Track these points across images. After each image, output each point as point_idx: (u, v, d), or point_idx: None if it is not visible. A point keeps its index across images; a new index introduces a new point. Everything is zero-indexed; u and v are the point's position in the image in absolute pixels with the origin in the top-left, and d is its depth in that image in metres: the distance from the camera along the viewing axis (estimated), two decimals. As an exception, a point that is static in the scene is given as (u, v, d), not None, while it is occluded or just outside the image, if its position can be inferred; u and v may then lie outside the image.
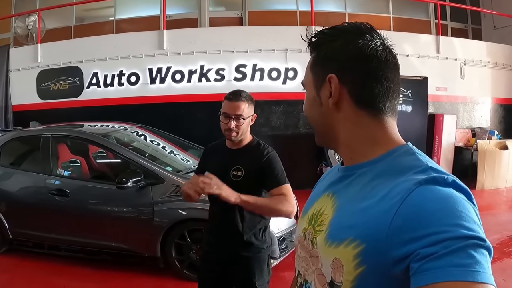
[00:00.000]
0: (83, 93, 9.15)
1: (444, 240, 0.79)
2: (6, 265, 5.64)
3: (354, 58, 1.08)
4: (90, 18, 11.37)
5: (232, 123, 2.73)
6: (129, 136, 6.41)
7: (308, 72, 1.17)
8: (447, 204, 0.85)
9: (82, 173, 5.99)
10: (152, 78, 8.83)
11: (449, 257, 0.78)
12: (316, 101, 1.14)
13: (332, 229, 1.04)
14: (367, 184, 1.03)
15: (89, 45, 9.28)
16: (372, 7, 10.89)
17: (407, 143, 1.10)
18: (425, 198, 0.87)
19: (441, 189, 0.89)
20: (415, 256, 0.81)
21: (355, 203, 1.01)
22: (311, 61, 1.17)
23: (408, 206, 0.88)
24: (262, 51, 8.66)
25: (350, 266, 0.94)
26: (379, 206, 0.94)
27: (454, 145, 9.59)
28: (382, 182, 0.99)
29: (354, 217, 0.98)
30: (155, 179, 5.04)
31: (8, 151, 6.11)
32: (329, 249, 1.01)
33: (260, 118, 8.66)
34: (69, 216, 5.37)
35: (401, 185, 0.93)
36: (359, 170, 1.08)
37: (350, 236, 0.95)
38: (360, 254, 0.92)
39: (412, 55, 9.29)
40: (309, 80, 1.17)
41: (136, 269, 5.27)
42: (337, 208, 1.08)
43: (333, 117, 1.11)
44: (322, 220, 1.10)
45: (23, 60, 9.53)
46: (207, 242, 3.06)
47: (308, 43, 1.16)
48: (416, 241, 0.82)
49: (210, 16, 10.36)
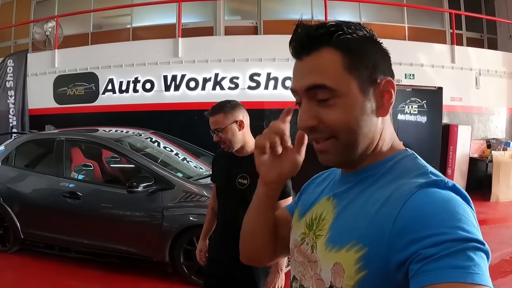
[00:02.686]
0: (98, 98, 9.25)
1: (444, 242, 0.79)
2: (17, 264, 5.75)
3: (389, 58, 1.06)
4: (107, 25, 11.50)
5: (215, 136, 2.79)
6: (142, 142, 6.46)
7: (341, 73, 0.98)
8: (448, 207, 0.86)
9: (95, 177, 6.05)
10: (167, 86, 8.88)
11: (448, 259, 0.78)
12: (367, 109, 1.00)
13: (333, 233, 1.04)
14: (369, 188, 1.03)
15: (106, 51, 9.41)
16: (387, 16, 10.85)
17: (407, 149, 1.09)
18: (425, 200, 0.88)
19: (441, 192, 0.90)
20: (416, 257, 0.81)
21: (357, 207, 1.01)
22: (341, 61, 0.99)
23: (409, 208, 0.88)
24: (276, 60, 8.66)
25: (351, 270, 0.94)
26: (381, 209, 0.94)
27: (468, 156, 9.43)
28: (384, 186, 0.99)
29: (357, 220, 0.98)
30: (165, 185, 5.06)
31: (23, 153, 6.24)
32: (330, 253, 1.01)
33: (274, 128, 8.66)
34: (80, 218, 5.43)
35: (402, 188, 0.93)
36: (361, 175, 1.07)
37: (353, 240, 0.95)
38: (362, 258, 0.92)
39: (427, 65, 9.23)
40: (348, 84, 0.99)
41: (145, 273, 5.29)
42: (338, 212, 1.07)
43: (379, 125, 1.04)
44: (323, 224, 1.09)
45: (40, 65, 9.70)
46: (212, 247, 3.08)
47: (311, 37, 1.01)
48: (417, 242, 0.82)
49: (226, 25, 10.41)
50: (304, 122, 1.03)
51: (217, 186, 3.05)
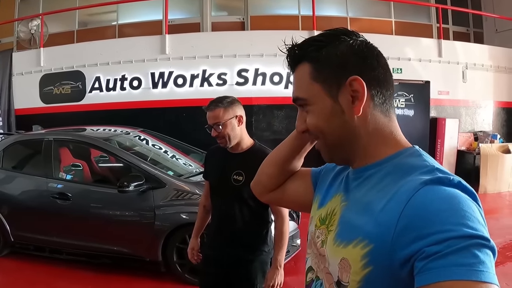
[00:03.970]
0: (85, 97, 9.19)
1: (448, 239, 0.80)
2: (7, 268, 5.68)
3: (366, 57, 1.08)
4: (93, 22, 11.40)
5: (213, 131, 2.77)
6: (131, 140, 6.42)
7: (308, 83, 1.08)
8: (452, 204, 0.86)
9: (84, 177, 5.99)
10: (155, 83, 8.85)
11: (453, 256, 0.78)
12: (335, 111, 1.06)
13: (340, 229, 1.06)
14: (375, 185, 1.04)
15: (92, 49, 9.32)
16: (373, 11, 10.89)
17: (414, 145, 1.11)
18: (430, 197, 0.88)
19: (446, 189, 0.90)
20: (420, 255, 0.82)
21: (364, 203, 1.03)
22: (309, 72, 1.08)
23: (413, 205, 0.88)
24: (264, 56, 8.66)
25: (357, 266, 0.95)
26: (387, 206, 0.94)
27: (456, 149, 9.57)
28: (390, 183, 1.00)
29: (364, 217, 0.99)
30: (156, 183, 5.03)
31: (10, 154, 6.14)
32: (338, 248, 1.03)
33: (262, 123, 8.68)
34: (71, 219, 5.37)
35: (407, 185, 0.94)
36: (368, 172, 1.09)
37: (359, 236, 0.96)
38: (368, 254, 0.93)
39: (414, 59, 9.30)
40: (315, 91, 1.08)
41: (137, 273, 5.27)
42: (345, 208, 1.09)
43: (355, 124, 1.07)
44: (334, 220, 1.12)
45: (26, 64, 9.59)
46: (208, 245, 3.06)
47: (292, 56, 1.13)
48: (421, 239, 0.83)
49: (212, 21, 10.37)
50: (298, 127, 1.18)
51: (210, 183, 3.02)
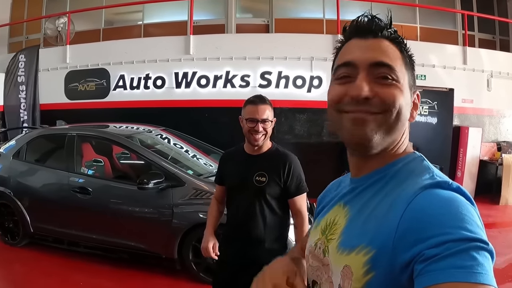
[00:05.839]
0: (109, 94, 9.33)
1: (447, 242, 0.80)
2: (25, 258, 5.79)
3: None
4: (119, 21, 11.55)
5: (260, 126, 2.72)
6: (153, 139, 6.46)
7: (400, 65, 1.06)
8: (451, 207, 0.86)
9: (105, 173, 6.05)
10: (178, 82, 8.91)
11: (451, 259, 0.78)
12: (409, 103, 1.08)
13: (344, 238, 1.05)
14: (379, 192, 1.04)
15: (117, 48, 9.46)
16: (399, 16, 10.77)
17: (415, 152, 1.11)
18: (429, 201, 0.89)
19: (445, 192, 0.91)
20: (419, 258, 0.82)
21: (369, 211, 1.02)
22: (401, 57, 1.07)
23: (413, 210, 0.89)
24: (287, 59, 8.65)
25: (359, 273, 0.94)
26: (388, 212, 0.95)
27: (478, 159, 9.35)
28: (392, 189, 1.01)
29: (367, 224, 0.99)
30: (176, 182, 5.05)
31: (33, 148, 6.27)
32: (341, 256, 1.02)
33: (284, 126, 8.66)
34: (90, 213, 5.44)
35: (407, 190, 0.95)
36: (371, 179, 1.09)
37: (362, 243, 0.96)
38: (370, 260, 0.93)
39: (438, 66, 9.17)
40: (404, 75, 1.06)
41: (153, 269, 5.31)
42: (350, 217, 1.08)
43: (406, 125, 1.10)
44: (335, 229, 1.11)
45: (52, 60, 9.80)
46: (226, 247, 3.04)
47: (380, 28, 1.08)
48: (420, 243, 0.83)
49: (237, 23, 10.39)
50: (361, 91, 1.01)
51: (229, 186, 3.00)
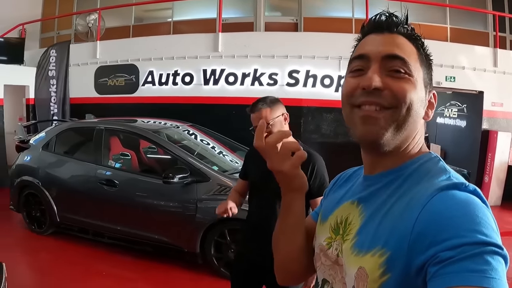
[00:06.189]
0: (138, 90, 9.44)
1: (462, 245, 0.79)
2: (51, 246, 5.96)
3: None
4: (148, 18, 11.65)
5: None
6: (180, 134, 6.51)
7: (415, 60, 1.04)
8: (467, 210, 0.85)
9: (132, 166, 6.11)
10: (206, 79, 8.94)
11: (465, 262, 0.77)
12: (423, 100, 1.04)
13: (360, 239, 1.03)
14: (395, 192, 1.01)
15: (146, 44, 9.55)
16: (429, 16, 10.57)
17: (430, 152, 1.09)
18: (445, 203, 0.87)
19: (461, 194, 0.89)
20: (434, 260, 0.81)
21: (383, 211, 1.00)
22: (416, 53, 1.05)
23: (429, 211, 0.87)
24: (315, 58, 8.59)
25: (375, 275, 0.93)
26: (403, 213, 0.93)
27: (507, 164, 9.06)
28: (408, 190, 0.99)
29: (383, 225, 0.97)
30: (201, 177, 5.09)
31: (63, 140, 6.40)
32: (356, 258, 1.00)
33: (311, 125, 8.61)
34: (115, 205, 5.55)
35: (422, 191, 0.93)
36: (387, 178, 1.06)
37: (378, 244, 0.95)
38: (385, 262, 0.91)
39: (468, 67, 8.93)
40: (418, 71, 1.03)
41: (174, 262, 5.39)
42: (366, 217, 1.06)
43: (420, 123, 1.06)
44: (350, 229, 1.09)
45: (82, 56, 9.97)
46: (244, 241, 3.05)
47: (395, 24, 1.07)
48: (435, 245, 0.82)
49: (266, 21, 10.37)
50: (371, 81, 1.00)
51: (251, 182, 3.01)
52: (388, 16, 1.09)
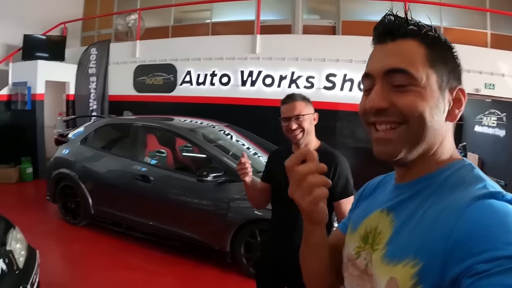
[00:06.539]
0: (176, 89, 9.57)
1: (499, 259, 0.75)
2: (85, 237, 6.11)
3: (460, 68, 1.04)
4: (187, 19, 11.80)
5: (293, 123, 2.67)
6: (215, 134, 6.53)
7: (423, 65, 0.97)
8: (505, 221, 0.81)
9: (167, 163, 6.20)
10: (243, 81, 8.98)
11: (501, 276, 0.73)
12: (440, 106, 0.98)
13: (391, 248, 1.00)
14: (426, 200, 0.98)
15: (185, 45, 9.69)
16: (468, 21, 10.31)
17: (464, 158, 1.04)
18: (482, 213, 0.83)
19: (499, 204, 0.85)
20: (469, 272, 0.77)
21: (416, 221, 0.97)
22: (425, 54, 0.98)
23: (465, 221, 0.84)
24: (353, 62, 8.50)
25: (406, 286, 0.90)
26: (437, 222, 0.89)
27: (546, 176, 8.87)
28: (441, 198, 0.95)
29: (415, 235, 0.94)
30: (234, 177, 5.02)
31: (100, 135, 6.52)
32: (387, 268, 0.98)
33: (346, 129, 8.54)
34: (149, 201, 5.60)
35: (458, 200, 0.89)
36: (417, 186, 1.03)
37: (410, 255, 0.91)
38: (418, 273, 0.88)
39: (508, 75, 8.65)
40: (428, 76, 0.97)
41: (202, 259, 5.42)
42: (397, 227, 1.02)
43: (443, 127, 1.01)
44: (380, 238, 1.06)
45: (122, 54, 10.20)
46: (268, 242, 3.02)
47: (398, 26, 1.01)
48: (472, 257, 0.78)
49: (304, 24, 10.33)
50: (375, 103, 0.98)
51: (273, 186, 2.93)
52: (387, 21, 1.03)
